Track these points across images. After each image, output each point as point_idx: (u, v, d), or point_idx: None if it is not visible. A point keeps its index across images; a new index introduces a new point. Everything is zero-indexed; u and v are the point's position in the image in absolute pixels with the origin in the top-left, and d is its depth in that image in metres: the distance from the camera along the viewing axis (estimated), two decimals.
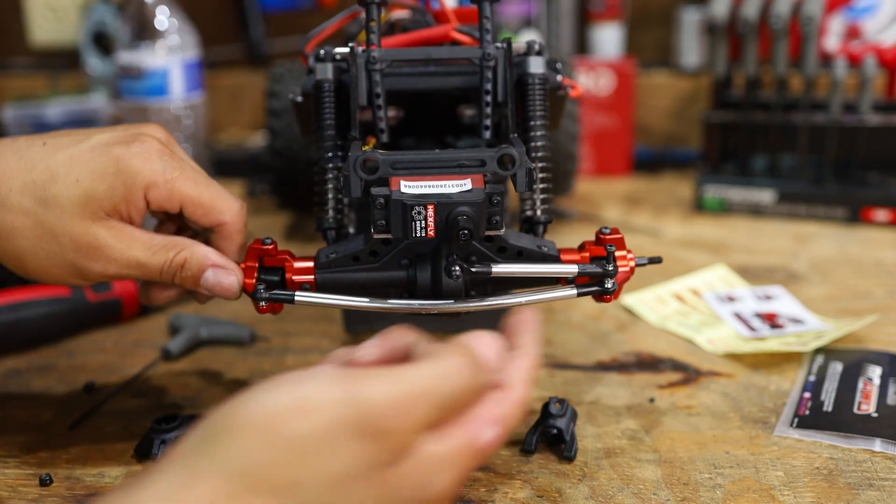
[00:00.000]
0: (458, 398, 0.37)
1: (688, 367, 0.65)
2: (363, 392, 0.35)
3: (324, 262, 0.52)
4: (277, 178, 0.95)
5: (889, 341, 0.68)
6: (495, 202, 0.48)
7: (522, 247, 0.52)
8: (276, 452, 0.34)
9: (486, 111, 0.56)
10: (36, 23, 1.34)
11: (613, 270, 0.52)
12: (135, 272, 0.51)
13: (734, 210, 1.00)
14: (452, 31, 0.59)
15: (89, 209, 0.49)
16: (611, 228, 0.54)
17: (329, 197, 0.56)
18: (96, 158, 0.50)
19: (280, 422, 0.34)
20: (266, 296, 0.51)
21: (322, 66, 0.58)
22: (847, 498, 0.50)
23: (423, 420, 0.36)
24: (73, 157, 0.50)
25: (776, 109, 1.01)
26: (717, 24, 0.99)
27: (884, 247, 0.89)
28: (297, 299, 0.51)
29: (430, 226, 0.47)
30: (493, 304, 0.52)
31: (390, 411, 0.35)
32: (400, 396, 0.35)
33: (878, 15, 1.10)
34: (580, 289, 0.52)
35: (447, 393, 0.37)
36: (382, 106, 0.56)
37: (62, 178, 0.49)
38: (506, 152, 0.48)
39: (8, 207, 0.49)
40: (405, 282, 0.52)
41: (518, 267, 0.51)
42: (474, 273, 0.49)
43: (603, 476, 0.52)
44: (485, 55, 0.56)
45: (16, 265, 0.51)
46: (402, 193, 0.47)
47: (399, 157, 0.48)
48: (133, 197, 0.50)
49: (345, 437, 0.34)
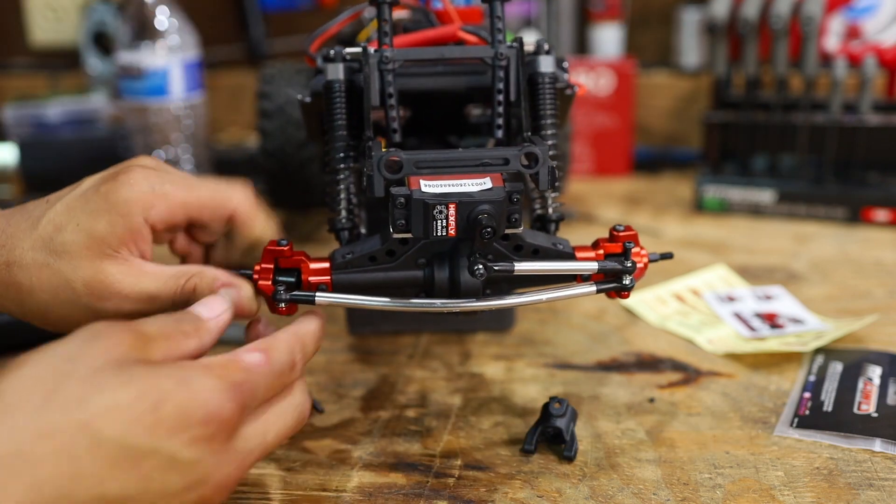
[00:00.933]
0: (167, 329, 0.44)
1: (688, 367, 0.65)
2: (85, 329, 0.41)
3: (340, 262, 0.52)
4: (270, 180, 0.95)
5: (889, 341, 0.68)
6: (515, 200, 0.48)
7: (538, 245, 0.52)
8: (40, 371, 0.38)
9: (498, 110, 0.56)
10: (36, 23, 1.34)
11: (632, 267, 0.52)
12: (148, 306, 0.51)
13: (734, 210, 1.00)
14: (459, 31, 0.59)
15: (96, 249, 0.50)
16: (624, 226, 0.54)
17: (342, 198, 0.56)
18: (90, 199, 0.50)
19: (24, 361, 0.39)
20: (286, 297, 0.51)
21: (333, 67, 0.57)
22: (847, 498, 0.50)
23: (148, 333, 0.42)
24: (69, 204, 0.51)
25: (776, 109, 1.01)
26: (717, 24, 0.99)
27: (884, 247, 0.89)
28: (318, 300, 0.51)
29: (451, 225, 0.47)
30: (515, 303, 0.52)
31: (116, 325, 0.41)
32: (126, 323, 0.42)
33: (878, 15, 1.10)
34: (599, 286, 0.52)
35: (158, 323, 0.44)
36: (395, 106, 0.56)
37: (65, 227, 0.50)
38: (529, 150, 0.48)
39: (24, 266, 0.50)
40: (422, 281, 0.52)
41: (540, 265, 0.51)
42: (497, 271, 0.49)
43: (603, 476, 0.52)
44: (497, 55, 0.56)
45: (40, 320, 0.52)
46: (423, 193, 0.47)
47: (422, 156, 0.48)
48: (134, 225, 0.50)
49: (85, 345, 0.40)
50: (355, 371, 0.66)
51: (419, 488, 0.52)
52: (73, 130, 1.17)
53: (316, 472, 0.53)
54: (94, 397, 0.37)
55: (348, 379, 0.65)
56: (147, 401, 0.38)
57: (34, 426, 0.36)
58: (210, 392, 0.39)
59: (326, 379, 0.65)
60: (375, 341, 0.71)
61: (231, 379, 0.41)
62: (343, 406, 0.61)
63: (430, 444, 0.56)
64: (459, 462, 0.54)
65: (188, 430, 0.38)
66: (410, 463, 0.54)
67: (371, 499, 0.51)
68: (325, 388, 0.63)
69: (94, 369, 0.38)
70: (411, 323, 0.71)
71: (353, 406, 0.61)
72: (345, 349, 0.70)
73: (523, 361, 0.67)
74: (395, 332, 0.71)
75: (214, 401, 0.39)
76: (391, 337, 0.71)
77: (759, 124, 1.02)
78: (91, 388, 0.37)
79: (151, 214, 0.51)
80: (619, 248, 0.53)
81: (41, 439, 0.35)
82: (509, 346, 0.69)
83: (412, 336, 0.71)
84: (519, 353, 0.68)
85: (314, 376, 0.65)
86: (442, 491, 0.51)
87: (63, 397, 0.37)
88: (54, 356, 0.39)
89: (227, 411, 0.40)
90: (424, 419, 0.59)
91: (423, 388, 0.63)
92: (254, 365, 0.43)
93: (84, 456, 0.36)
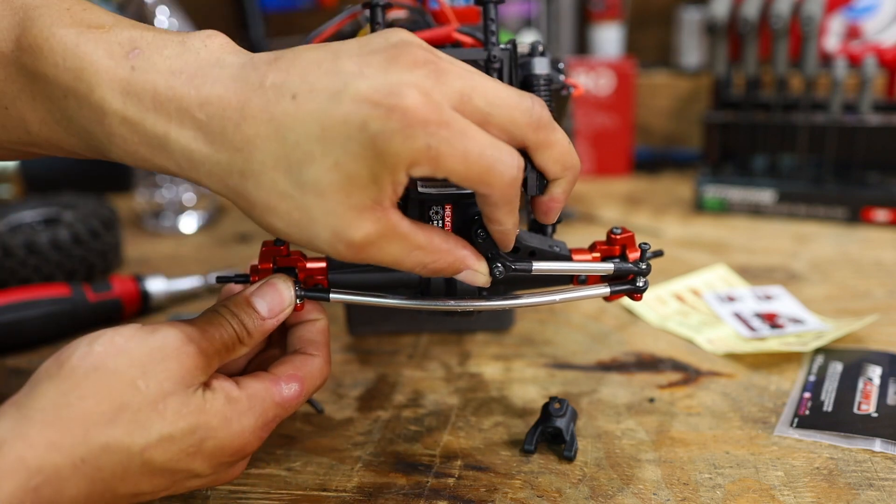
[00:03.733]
0: (229, 337, 0.46)
1: (688, 367, 0.65)
2: (160, 332, 0.44)
3: (336, 262, 0.52)
4: None
5: (889, 341, 0.68)
6: None
7: (535, 247, 0.52)
8: (99, 386, 0.42)
9: None
10: None
11: (648, 269, 0.52)
12: (395, 265, 0.45)
13: (734, 210, 1.00)
14: (454, 32, 0.59)
15: (354, 199, 0.42)
16: (622, 228, 0.54)
17: None
18: (353, 137, 0.41)
19: (101, 360, 0.42)
20: (301, 293, 0.51)
21: None
22: (847, 498, 0.50)
23: (210, 349, 0.45)
24: (326, 130, 0.41)
25: (776, 109, 1.01)
26: (718, 23, 0.99)
27: (884, 247, 0.89)
28: (333, 297, 0.51)
29: (447, 225, 0.48)
30: (528, 303, 0.52)
31: (181, 341, 0.44)
32: (186, 332, 0.45)
33: (878, 15, 1.10)
34: (613, 287, 0.52)
35: (220, 333, 0.46)
36: None
37: (319, 160, 0.41)
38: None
39: (262, 184, 0.42)
40: (418, 282, 0.52)
41: (556, 265, 0.51)
42: (516, 270, 0.49)
43: (603, 476, 0.52)
44: (490, 57, 0.56)
45: (268, 230, 0.45)
46: (420, 193, 0.47)
47: None
48: (396, 178, 0.42)
49: (153, 364, 0.43)
50: (355, 371, 0.66)
51: (419, 488, 0.52)
52: None
53: (316, 472, 0.53)
54: (155, 425, 0.42)
55: (348, 379, 0.65)
56: (195, 436, 0.44)
57: (103, 440, 0.41)
58: (246, 433, 0.46)
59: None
60: (375, 341, 0.71)
61: (266, 417, 0.47)
62: (343, 406, 0.61)
63: (430, 444, 0.56)
64: (459, 462, 0.54)
65: (219, 459, 0.45)
66: (410, 463, 0.54)
67: (371, 499, 0.51)
68: (325, 389, 0.63)
69: (162, 392, 0.43)
70: (411, 323, 0.71)
71: (353, 406, 0.61)
72: (344, 349, 0.70)
73: (523, 361, 0.67)
74: (394, 333, 0.71)
75: (246, 439, 0.46)
76: (391, 337, 0.71)
77: (759, 124, 1.02)
78: (155, 414, 0.42)
79: (414, 171, 0.42)
80: (615, 251, 0.53)
81: (106, 453, 0.41)
82: (509, 346, 0.69)
83: (412, 336, 0.71)
84: (519, 353, 0.68)
85: None
86: (442, 491, 0.51)
87: (131, 418, 0.42)
88: (130, 364, 0.43)
89: (253, 446, 0.47)
90: (424, 419, 0.59)
91: (422, 388, 0.63)
92: (288, 400, 0.48)
93: (134, 471, 0.42)
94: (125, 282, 0.75)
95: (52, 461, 0.40)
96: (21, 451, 0.40)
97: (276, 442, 0.57)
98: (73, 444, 0.41)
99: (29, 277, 0.79)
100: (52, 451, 0.40)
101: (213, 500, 0.51)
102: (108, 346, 0.43)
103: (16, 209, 0.87)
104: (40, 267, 0.79)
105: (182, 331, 0.45)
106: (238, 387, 0.46)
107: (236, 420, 0.45)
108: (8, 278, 0.79)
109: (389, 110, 0.40)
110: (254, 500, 0.51)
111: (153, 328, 0.45)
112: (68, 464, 0.40)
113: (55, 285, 0.72)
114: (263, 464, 0.54)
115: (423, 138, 0.41)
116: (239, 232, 0.99)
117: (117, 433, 0.41)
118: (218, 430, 0.44)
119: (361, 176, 0.41)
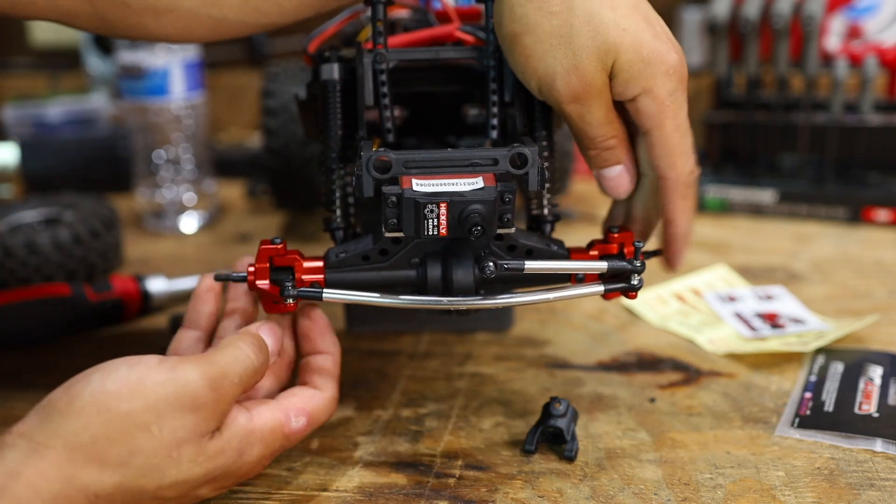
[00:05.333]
0: (250, 374, 0.47)
1: (688, 367, 0.65)
2: (181, 373, 0.44)
3: (333, 261, 0.52)
4: (274, 178, 0.95)
5: (890, 341, 0.68)
6: (507, 200, 0.48)
7: (532, 245, 0.52)
8: (112, 427, 0.41)
9: (492, 111, 0.56)
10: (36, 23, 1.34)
11: (642, 266, 0.52)
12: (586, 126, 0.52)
13: (735, 210, 1.00)
14: (456, 31, 0.59)
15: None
16: (619, 227, 0.54)
17: (336, 197, 0.56)
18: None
19: (114, 401, 0.42)
20: (295, 293, 0.51)
21: (328, 67, 0.58)
22: (848, 498, 0.50)
23: (230, 394, 0.45)
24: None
25: (777, 109, 1.01)
26: (718, 23, 0.99)
27: (884, 247, 0.89)
28: (326, 296, 0.51)
29: (442, 224, 0.47)
30: (523, 301, 0.52)
31: (203, 388, 0.44)
32: (209, 374, 0.44)
33: (879, 15, 1.10)
34: (607, 285, 0.52)
35: (241, 371, 0.46)
36: (389, 106, 0.56)
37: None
38: (519, 151, 0.48)
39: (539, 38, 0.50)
40: (415, 280, 0.52)
41: (549, 264, 0.51)
42: (508, 269, 0.49)
43: (604, 476, 0.52)
44: (490, 54, 0.56)
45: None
46: (414, 192, 0.47)
47: (411, 156, 0.48)
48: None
49: (170, 411, 0.43)
50: (355, 371, 0.66)
51: (420, 488, 0.51)
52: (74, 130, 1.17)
53: (317, 472, 0.53)
54: (170, 471, 0.43)
55: (348, 379, 0.65)
56: (208, 477, 0.45)
57: (117, 479, 0.41)
58: (253, 462, 0.47)
59: None
60: (375, 341, 0.71)
61: (272, 448, 0.48)
62: (343, 406, 0.61)
63: (430, 444, 0.56)
64: (460, 462, 0.54)
65: (225, 486, 0.47)
66: (411, 463, 0.54)
67: (372, 499, 0.51)
68: None
69: (175, 442, 0.43)
70: (410, 322, 0.71)
71: (353, 406, 0.61)
72: (344, 349, 0.69)
73: (523, 361, 0.67)
74: (394, 332, 0.71)
75: (253, 468, 0.48)
76: (391, 336, 0.71)
77: (759, 124, 1.02)
78: (169, 461, 0.43)
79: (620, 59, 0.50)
80: (613, 250, 0.53)
81: (119, 490, 0.42)
82: (510, 346, 0.69)
83: (412, 336, 0.71)
84: (519, 353, 0.68)
85: None
86: (443, 491, 0.51)
87: (145, 462, 0.42)
88: (146, 403, 0.42)
89: (256, 472, 0.49)
90: (425, 419, 0.59)
91: (423, 387, 0.63)
92: (295, 433, 0.49)
93: (146, 503, 0.43)
94: (126, 282, 0.75)
95: (66, 493, 0.40)
96: (36, 482, 0.40)
97: None
98: (88, 482, 0.41)
99: (29, 277, 0.79)
100: (66, 484, 0.40)
101: (213, 499, 0.51)
102: (121, 385, 0.42)
103: (16, 209, 0.87)
104: (41, 267, 0.79)
105: (204, 374, 0.44)
106: (251, 418, 0.47)
107: (247, 453, 0.47)
108: (8, 278, 0.79)
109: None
110: (254, 499, 0.51)
111: (173, 366, 0.44)
112: (82, 498, 0.41)
113: (55, 285, 0.72)
114: None
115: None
116: (240, 232, 0.99)
117: (130, 474, 0.42)
118: (230, 466, 0.46)
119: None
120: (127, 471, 0.42)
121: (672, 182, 0.53)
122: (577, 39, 0.49)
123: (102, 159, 1.12)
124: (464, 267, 0.51)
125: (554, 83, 0.50)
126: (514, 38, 0.51)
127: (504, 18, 0.51)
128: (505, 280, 0.53)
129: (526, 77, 0.52)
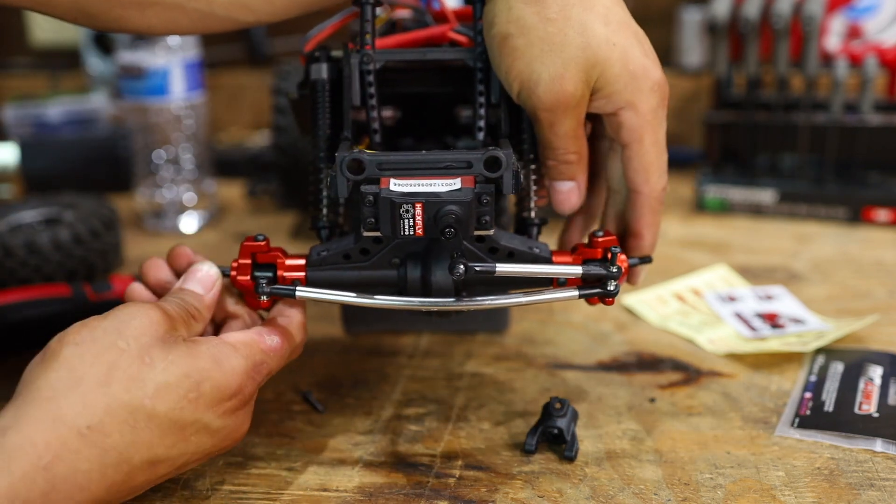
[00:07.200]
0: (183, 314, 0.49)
1: (688, 367, 0.65)
2: (118, 310, 0.47)
3: (315, 259, 0.53)
4: (282, 176, 0.96)
5: (890, 341, 0.68)
6: (484, 202, 0.48)
7: (514, 248, 0.52)
8: (85, 360, 0.43)
9: (479, 112, 0.56)
10: (36, 22, 1.34)
11: (617, 272, 0.51)
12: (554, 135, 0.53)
13: (735, 210, 1.00)
14: (450, 32, 0.59)
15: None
16: (604, 231, 0.53)
17: (323, 195, 0.56)
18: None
19: (78, 342, 0.44)
20: (267, 290, 0.51)
21: (316, 66, 0.58)
22: (848, 498, 0.50)
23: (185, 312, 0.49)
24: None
25: (777, 109, 1.01)
26: (718, 23, 0.99)
27: (884, 247, 0.89)
28: (298, 294, 0.51)
29: (418, 224, 0.48)
30: (491, 304, 0.52)
31: (156, 309, 0.47)
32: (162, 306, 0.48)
33: (879, 15, 1.10)
34: (581, 290, 0.52)
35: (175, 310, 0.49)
36: (376, 106, 0.56)
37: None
38: (492, 154, 0.48)
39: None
40: (395, 280, 0.52)
41: (522, 267, 0.51)
42: (479, 272, 0.49)
43: (604, 476, 0.52)
44: (478, 56, 0.56)
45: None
46: (390, 191, 0.47)
47: (385, 157, 0.49)
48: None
49: (131, 328, 0.45)
50: (355, 371, 0.66)
51: (420, 488, 0.51)
52: (74, 130, 1.17)
53: (317, 471, 0.53)
54: (149, 376, 0.44)
55: (348, 379, 0.65)
56: (191, 380, 0.45)
57: (103, 402, 0.43)
58: (238, 373, 0.47)
59: (326, 379, 0.65)
60: (375, 341, 0.71)
61: (253, 360, 0.49)
62: (343, 406, 0.61)
63: (430, 444, 0.56)
64: (460, 462, 0.54)
65: (221, 405, 0.47)
66: (411, 463, 0.54)
67: (372, 499, 0.51)
68: (325, 388, 0.63)
69: (143, 346, 0.45)
70: (406, 323, 0.71)
71: (353, 406, 0.61)
72: (345, 349, 0.70)
73: (524, 361, 0.67)
74: (391, 332, 0.71)
75: (241, 380, 0.48)
76: (391, 336, 0.71)
77: (759, 124, 1.02)
78: (144, 366, 0.44)
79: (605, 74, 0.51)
80: (597, 254, 0.53)
81: (109, 415, 0.42)
82: (510, 347, 0.69)
83: (412, 336, 0.71)
84: (519, 354, 0.68)
85: (314, 376, 0.65)
86: (443, 491, 0.51)
87: (123, 375, 0.43)
88: (105, 332, 0.45)
89: (249, 388, 0.49)
90: (425, 419, 0.59)
91: (423, 388, 0.63)
92: (272, 349, 0.50)
93: (142, 428, 0.43)
94: (126, 282, 0.75)
95: (58, 434, 0.41)
96: (27, 431, 0.41)
97: (276, 442, 0.57)
98: (75, 414, 0.42)
99: (29, 277, 0.79)
100: (56, 423, 0.41)
101: (213, 499, 0.51)
102: (78, 327, 0.45)
103: (16, 209, 0.87)
104: (41, 267, 0.79)
105: (140, 301, 0.50)
106: (221, 337, 0.49)
107: (226, 360, 0.47)
108: (8, 278, 0.79)
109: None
110: (254, 499, 0.51)
111: (112, 310, 0.47)
112: (74, 433, 0.41)
113: (55, 285, 0.72)
114: (263, 464, 0.54)
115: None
116: (239, 231, 0.99)
117: (114, 391, 0.43)
118: (211, 371, 0.46)
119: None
120: (110, 389, 0.43)
121: (644, 197, 0.54)
122: (568, 49, 0.50)
123: (102, 159, 1.12)
124: (443, 268, 0.51)
125: (536, 88, 0.51)
126: (504, 39, 0.51)
127: (498, 18, 0.51)
128: (489, 283, 0.53)
129: (509, 79, 0.52)
